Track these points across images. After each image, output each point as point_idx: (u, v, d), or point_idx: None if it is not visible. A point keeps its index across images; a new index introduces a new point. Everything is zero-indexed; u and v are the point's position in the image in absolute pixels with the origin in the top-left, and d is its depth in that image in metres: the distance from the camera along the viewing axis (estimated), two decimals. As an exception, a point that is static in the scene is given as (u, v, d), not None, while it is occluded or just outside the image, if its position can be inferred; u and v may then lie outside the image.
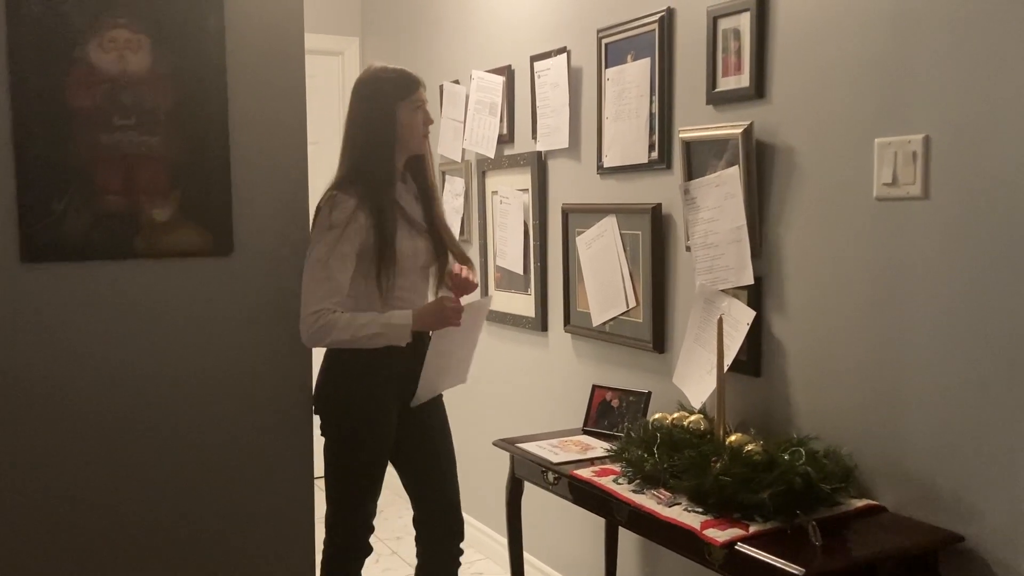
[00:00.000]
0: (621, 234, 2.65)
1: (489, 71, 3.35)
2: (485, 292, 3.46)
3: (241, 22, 2.29)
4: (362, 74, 2.32)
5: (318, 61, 4.54)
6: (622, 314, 2.66)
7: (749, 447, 1.94)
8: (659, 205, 2.51)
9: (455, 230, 3.63)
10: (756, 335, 2.21)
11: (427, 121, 2.30)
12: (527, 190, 3.14)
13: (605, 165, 2.72)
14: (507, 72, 3.25)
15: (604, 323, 2.74)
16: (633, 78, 2.60)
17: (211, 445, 2.34)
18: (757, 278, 2.19)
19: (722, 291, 2.28)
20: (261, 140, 2.35)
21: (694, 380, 2.34)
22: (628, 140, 2.62)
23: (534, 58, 3.06)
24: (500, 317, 3.36)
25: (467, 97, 3.48)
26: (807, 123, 2.06)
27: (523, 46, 3.17)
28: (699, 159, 2.36)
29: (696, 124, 2.36)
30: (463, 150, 3.57)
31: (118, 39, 2.11)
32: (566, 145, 2.90)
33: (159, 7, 2.16)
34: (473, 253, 3.57)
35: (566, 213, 2.91)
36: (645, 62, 2.54)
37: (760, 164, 2.19)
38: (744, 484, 1.84)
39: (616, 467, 2.19)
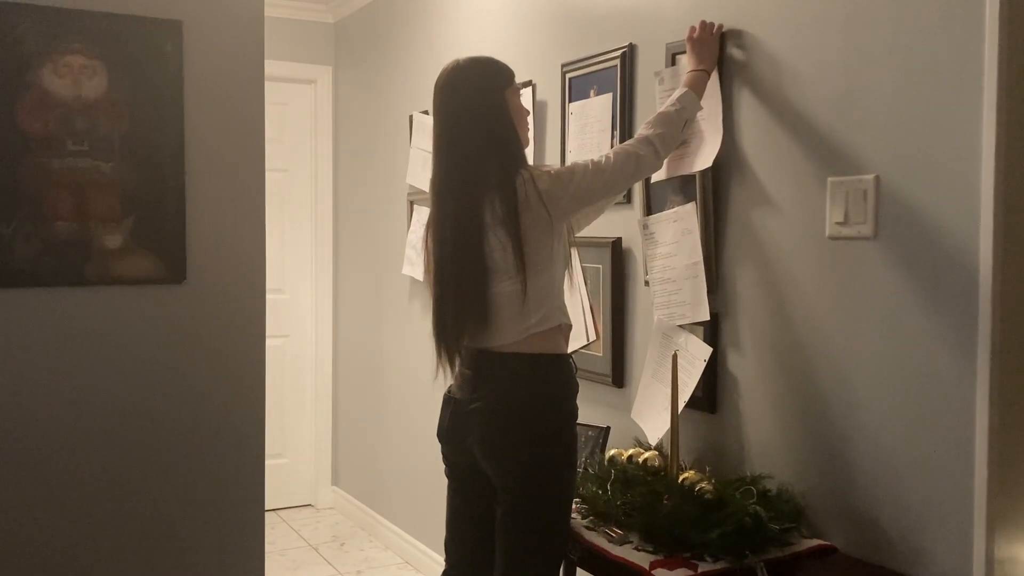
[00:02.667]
0: (582, 267, 2.64)
1: (457, 102, 3.35)
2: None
3: (200, 49, 2.29)
4: (458, 69, 2.11)
5: (290, 89, 4.54)
6: (583, 347, 2.65)
7: (701, 485, 1.92)
8: (619, 239, 2.51)
9: (421, 259, 3.61)
10: (712, 371, 2.20)
11: (527, 111, 2.16)
12: (492, 221, 3.12)
13: (568, 198, 2.72)
14: (474, 103, 3.25)
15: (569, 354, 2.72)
16: (596, 112, 2.61)
17: (162, 478, 2.30)
18: (713, 314, 2.19)
19: (679, 326, 2.27)
20: (218, 168, 2.33)
21: (651, 416, 2.33)
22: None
23: (500, 90, 3.06)
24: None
25: (435, 127, 3.47)
26: (764, 161, 2.07)
27: (490, 78, 3.17)
28: (658, 194, 2.37)
29: (655, 159, 2.36)
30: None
31: (73, 64, 2.09)
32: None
33: (116, 33, 2.15)
34: (439, 283, 3.55)
35: (529, 245, 2.89)
36: (607, 97, 2.56)
37: (717, 201, 2.20)
38: (694, 523, 1.82)
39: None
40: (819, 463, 1.94)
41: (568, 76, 2.73)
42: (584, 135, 2.65)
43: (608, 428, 2.49)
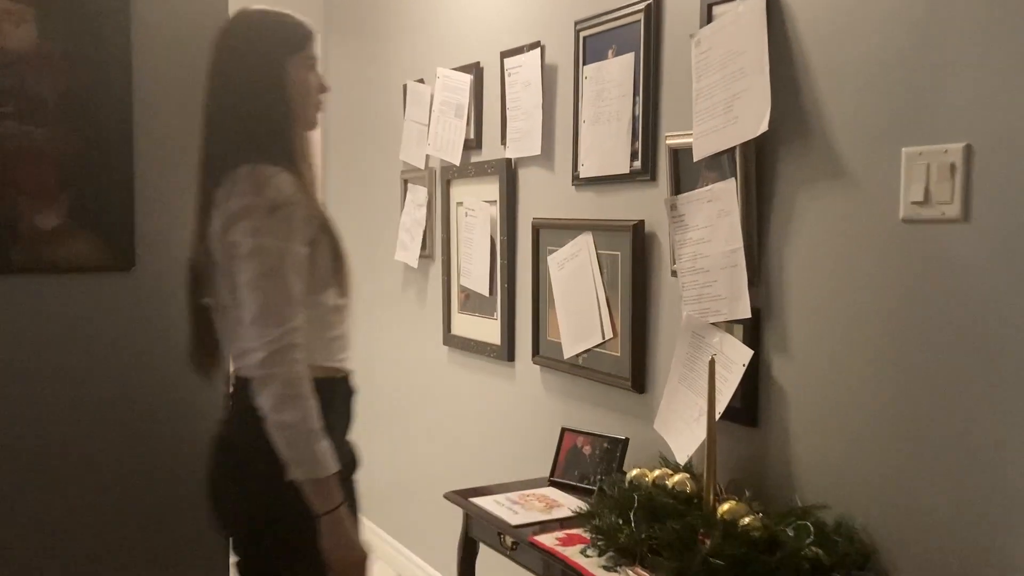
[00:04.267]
0: (598, 254, 2.31)
1: (456, 69, 3.01)
2: (448, 316, 3.10)
3: (152, -5, 1.94)
4: (230, 21, 1.69)
5: (276, 58, 4.18)
6: (597, 346, 2.32)
7: (745, 520, 1.59)
8: (641, 222, 2.17)
9: (416, 243, 3.29)
10: (753, 378, 1.87)
11: (323, 87, 1.75)
12: (495, 202, 2.79)
13: (581, 175, 2.38)
14: (475, 70, 2.91)
15: (577, 355, 2.39)
16: (614, 76, 2.26)
17: (108, 485, 1.98)
18: (755, 310, 1.85)
19: (713, 324, 1.94)
20: (175, 136, 1.99)
21: (679, 428, 2.00)
22: (607, 147, 2.28)
23: (504, 54, 2.72)
24: (462, 343, 3.00)
25: (432, 98, 3.13)
26: (821, 129, 1.73)
27: (493, 41, 2.83)
28: (689, 170, 2.03)
29: (686, 129, 2.02)
30: (427, 156, 3.22)
31: (-7, 9, 1.75)
32: (538, 152, 2.56)
33: (47, -28, 1.81)
34: (436, 271, 3.22)
35: (537, 229, 2.56)
36: (628, 58, 2.21)
37: (762, 177, 1.85)
38: (740, 568, 1.49)
39: (585, 534, 1.83)
40: (888, 491, 1.61)
41: (582, 35, 2.38)
42: (601, 102, 2.30)
43: (626, 440, 2.16)
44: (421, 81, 3.27)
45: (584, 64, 2.38)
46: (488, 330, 2.86)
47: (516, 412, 2.73)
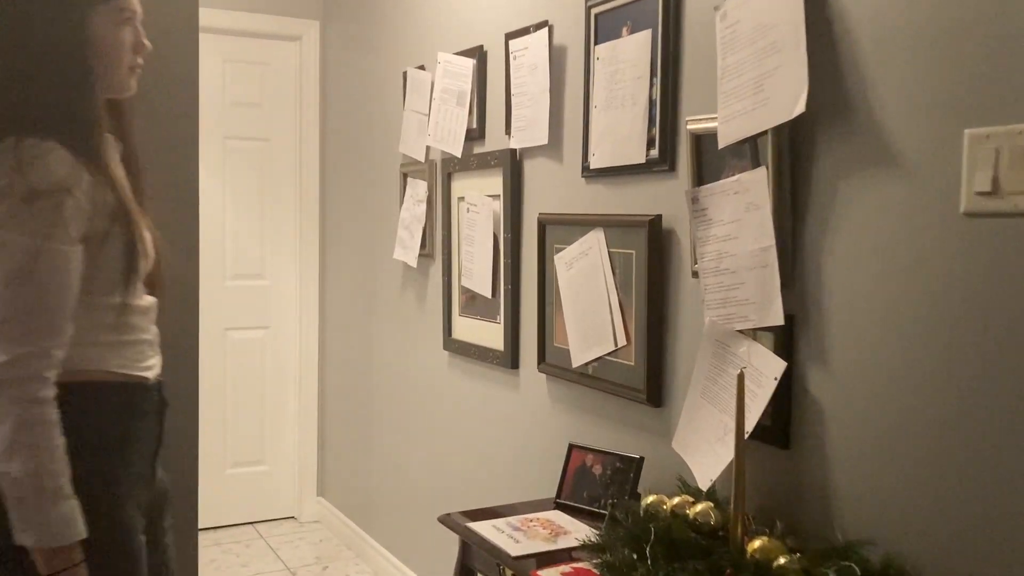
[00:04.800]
0: (610, 253, 2.09)
1: (458, 53, 2.80)
2: (448, 318, 2.89)
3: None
4: None
5: (273, 47, 3.99)
6: (609, 354, 2.10)
7: (781, 560, 1.37)
8: (658, 217, 1.96)
9: (416, 241, 3.08)
10: (785, 393, 1.65)
11: (140, 45, 1.46)
12: (498, 196, 2.58)
13: (592, 166, 2.16)
14: (478, 54, 2.70)
15: (586, 364, 2.18)
16: (629, 55, 2.04)
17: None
18: (788, 317, 1.63)
19: (740, 332, 1.72)
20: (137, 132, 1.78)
21: (701, 449, 1.78)
22: (621, 134, 2.06)
23: (509, 36, 2.51)
24: (464, 349, 2.79)
25: (432, 85, 2.92)
26: (867, 109, 1.51)
27: (497, 22, 2.62)
28: (713, 158, 1.81)
29: (710, 112, 1.81)
30: (427, 148, 3.01)
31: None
32: (545, 141, 2.34)
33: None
34: (436, 270, 3.01)
35: (543, 225, 2.35)
36: (645, 35, 1.99)
37: (797, 165, 1.64)
38: (775, 620, 1.28)
39: (595, 568, 1.62)
40: (943, 524, 1.39)
41: (594, 12, 2.17)
42: (614, 85, 2.09)
43: (641, 459, 1.95)
44: (422, 68, 3.06)
45: (596, 44, 2.16)
46: (491, 335, 2.65)
47: (520, 424, 2.52)
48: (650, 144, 1.98)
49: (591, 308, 2.16)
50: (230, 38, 3.91)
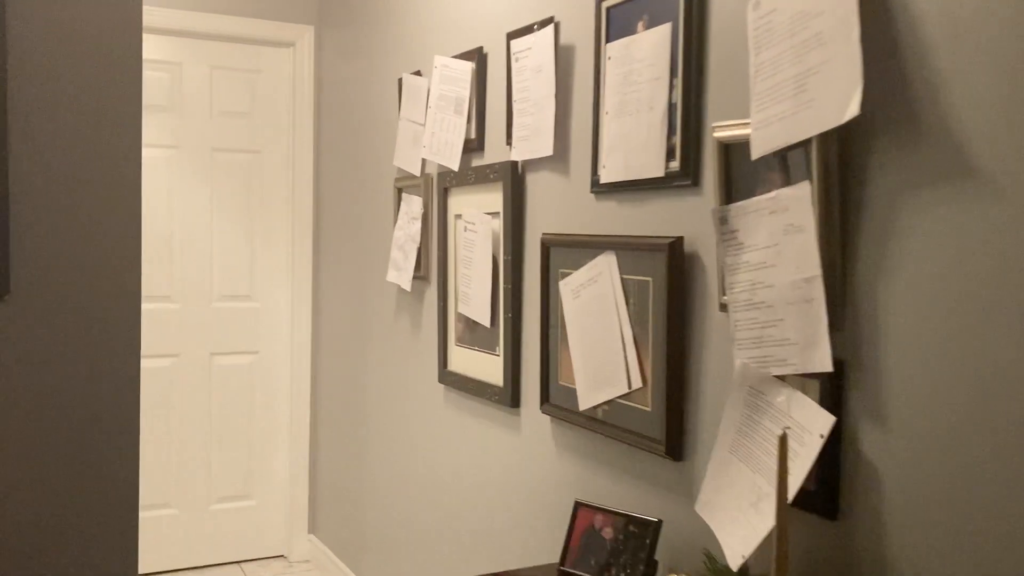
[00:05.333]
0: (623, 280, 1.82)
1: (457, 57, 2.54)
2: (444, 347, 2.62)
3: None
4: None
5: (265, 53, 3.76)
6: (622, 397, 1.82)
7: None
8: (680, 240, 1.68)
9: (410, 262, 2.81)
10: (833, 453, 1.37)
11: None
12: (498, 214, 2.31)
13: (602, 180, 1.90)
14: (478, 56, 2.44)
15: (595, 407, 1.91)
16: (646, 54, 1.78)
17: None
18: (838, 362, 1.36)
19: (778, 378, 1.45)
20: (63, 140, 1.53)
21: (731, 516, 1.50)
22: (636, 144, 1.80)
23: (511, 35, 2.25)
24: (460, 382, 2.52)
25: (429, 92, 2.67)
26: (938, 111, 1.24)
27: (498, 20, 2.36)
28: (745, 171, 1.54)
29: (741, 117, 1.54)
30: (423, 161, 2.75)
31: None
32: (550, 152, 2.08)
33: None
34: (431, 295, 2.74)
35: (547, 247, 2.08)
36: (664, 30, 1.73)
37: (848, 179, 1.36)
38: None
39: (603, 666, 1.34)
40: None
41: (605, 5, 1.91)
42: (628, 88, 1.82)
43: (659, 523, 1.67)
44: (418, 73, 2.81)
45: (607, 42, 1.90)
46: (489, 368, 2.37)
47: (521, 473, 2.24)
48: (670, 155, 1.72)
49: (601, 343, 1.88)
50: (219, 44, 3.68)
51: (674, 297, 1.69)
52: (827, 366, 1.35)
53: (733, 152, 1.56)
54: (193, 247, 3.67)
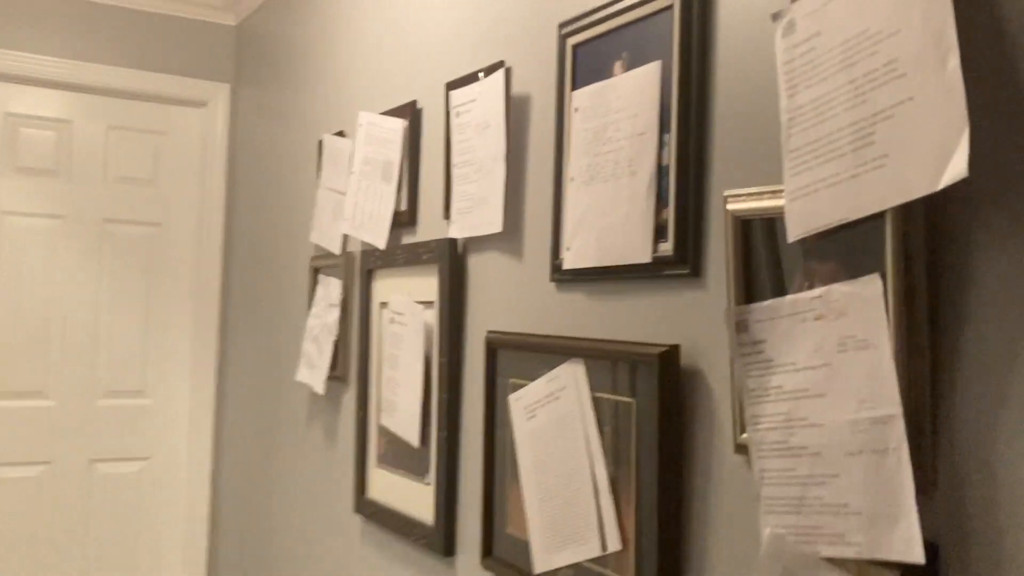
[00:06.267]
0: (595, 399, 1.35)
1: (386, 113, 2.11)
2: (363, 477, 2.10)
3: None
4: None
5: (173, 113, 3.29)
6: (594, 561, 1.34)
7: None
8: (674, 349, 1.22)
9: (325, 359, 2.31)
10: None
11: None
12: (432, 303, 1.84)
13: (566, 265, 1.44)
14: (411, 112, 2.01)
15: (555, 571, 1.41)
16: (626, 103, 1.35)
17: None
18: (929, 546, 0.90)
19: (828, 560, 0.98)
20: None
21: None
22: (613, 219, 1.35)
23: (451, 85, 1.82)
24: (381, 515, 2.00)
25: (353, 155, 2.22)
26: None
27: (436, 68, 1.94)
28: (771, 257, 1.10)
29: (765, 183, 1.11)
30: (344, 236, 2.28)
31: None
32: (498, 228, 1.62)
33: None
34: (349, 400, 2.24)
35: (493, 348, 1.61)
36: (650, 71, 1.31)
37: (939, 272, 0.93)
38: None
39: None
40: None
41: (571, 43, 1.49)
42: (602, 147, 1.39)
43: None
44: (341, 134, 2.36)
45: (574, 88, 1.47)
46: (417, 500, 1.86)
47: (456, 639, 1.72)
48: (659, 234, 1.27)
49: (565, 483, 1.40)
50: (118, 101, 3.20)
51: (668, 429, 1.22)
52: (914, 554, 0.89)
53: (754, 231, 1.12)
54: (76, 334, 3.11)
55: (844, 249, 1.00)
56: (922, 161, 0.89)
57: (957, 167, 0.85)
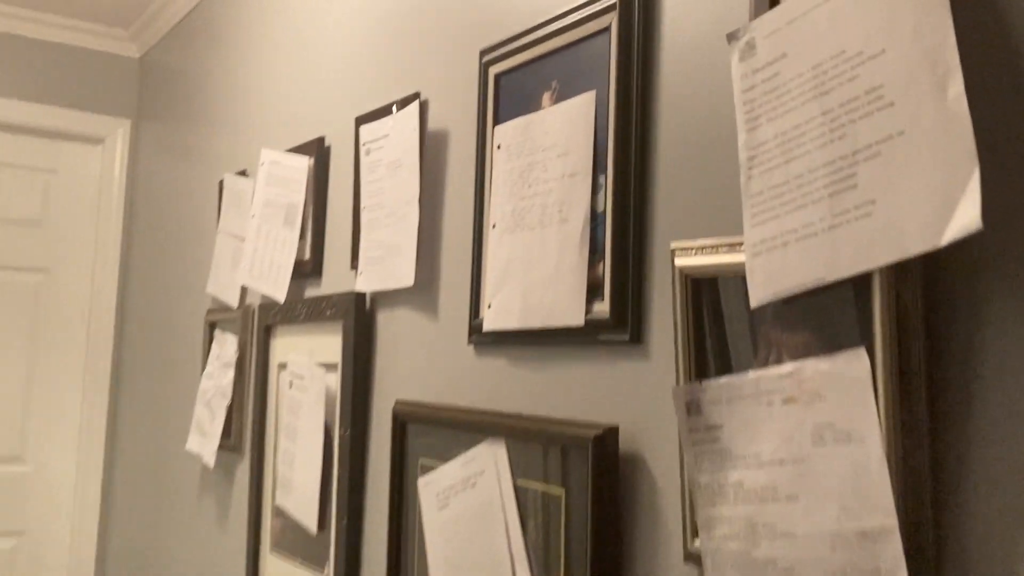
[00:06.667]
0: (517, 488, 1.14)
1: (291, 150, 1.89)
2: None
3: None
4: None
5: (66, 150, 3.02)
6: None
7: None
8: (612, 432, 1.02)
9: (217, 426, 2.05)
10: None
11: None
12: (335, 366, 1.61)
13: (487, 326, 1.24)
14: (317, 149, 1.79)
15: None
16: (556, 139, 1.16)
17: None
18: None
19: None
20: None
21: None
22: (540, 273, 1.16)
23: (361, 120, 1.62)
24: (275, 609, 1.73)
25: (254, 197, 1.99)
26: None
27: (345, 101, 1.73)
28: (731, 323, 0.91)
29: (720, 235, 0.92)
30: (242, 288, 2.04)
31: None
32: (410, 282, 1.41)
33: None
34: (243, 473, 1.97)
35: (402, 422, 1.38)
36: (584, 102, 1.12)
37: (941, 347, 0.75)
38: None
39: None
40: None
41: (493, 72, 1.30)
42: (528, 189, 1.19)
43: None
44: (244, 173, 2.13)
45: (497, 123, 1.28)
46: (315, 595, 1.61)
47: None
48: (594, 292, 1.08)
49: (481, 587, 1.17)
50: (3, 135, 2.91)
51: (603, 529, 1.01)
52: None
53: (708, 291, 0.93)
54: (-55, 392, 2.77)
55: (820, 316, 0.82)
56: (919, 209, 0.72)
57: (966, 218, 0.68)
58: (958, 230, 0.68)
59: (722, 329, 0.91)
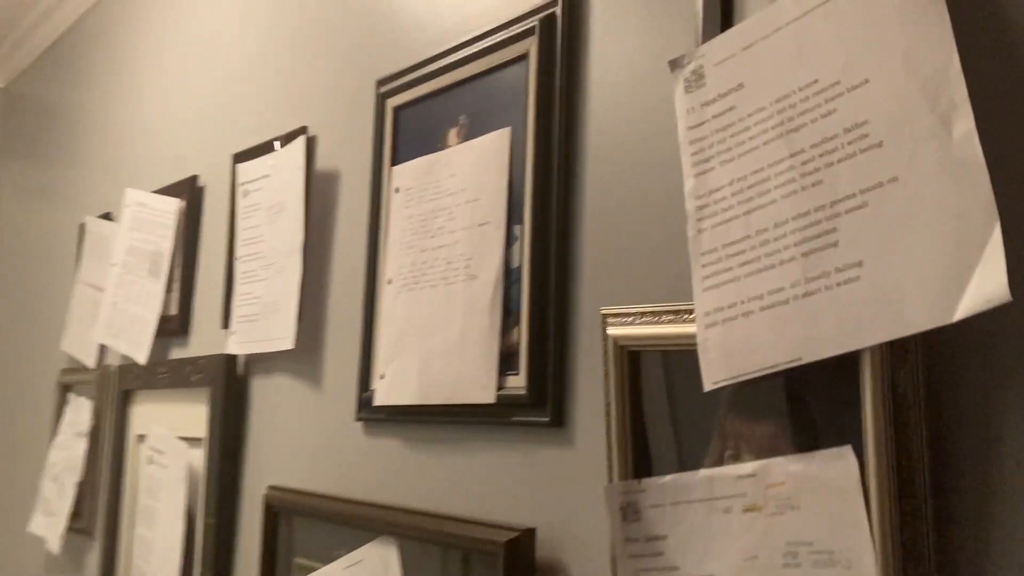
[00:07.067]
0: (411, 599, 0.94)
1: (160, 191, 1.66)
2: (102, 659, 1.56)
3: None
4: None
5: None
6: None
7: None
8: (528, 535, 0.83)
9: (66, 506, 1.77)
10: None
11: None
12: (200, 441, 1.38)
13: (379, 400, 1.05)
14: (189, 190, 1.58)
15: None
16: (464, 182, 1.00)
17: None
18: None
19: None
20: None
21: None
22: (444, 340, 0.98)
23: (239, 157, 1.41)
24: None
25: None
26: None
27: (224, 137, 1.53)
28: (681, 409, 0.75)
29: (664, 301, 0.76)
30: (100, 346, 1.78)
31: None
32: (290, 345, 1.20)
33: None
34: (92, 562, 1.69)
35: (275, 512, 1.17)
36: (498, 140, 0.96)
37: (947, 447, 0.59)
38: None
39: None
40: None
41: (392, 105, 1.13)
42: (431, 240, 1.02)
43: None
44: (108, 217, 1.89)
45: (395, 163, 1.11)
46: None
47: None
48: (507, 363, 0.90)
49: None
50: None
51: (518, 656, 0.82)
52: None
53: (646, 366, 0.77)
54: None
55: (792, 404, 0.66)
56: (922, 274, 0.57)
57: (990, 286, 0.53)
58: (979, 302, 0.54)
59: (665, 415, 0.75)
